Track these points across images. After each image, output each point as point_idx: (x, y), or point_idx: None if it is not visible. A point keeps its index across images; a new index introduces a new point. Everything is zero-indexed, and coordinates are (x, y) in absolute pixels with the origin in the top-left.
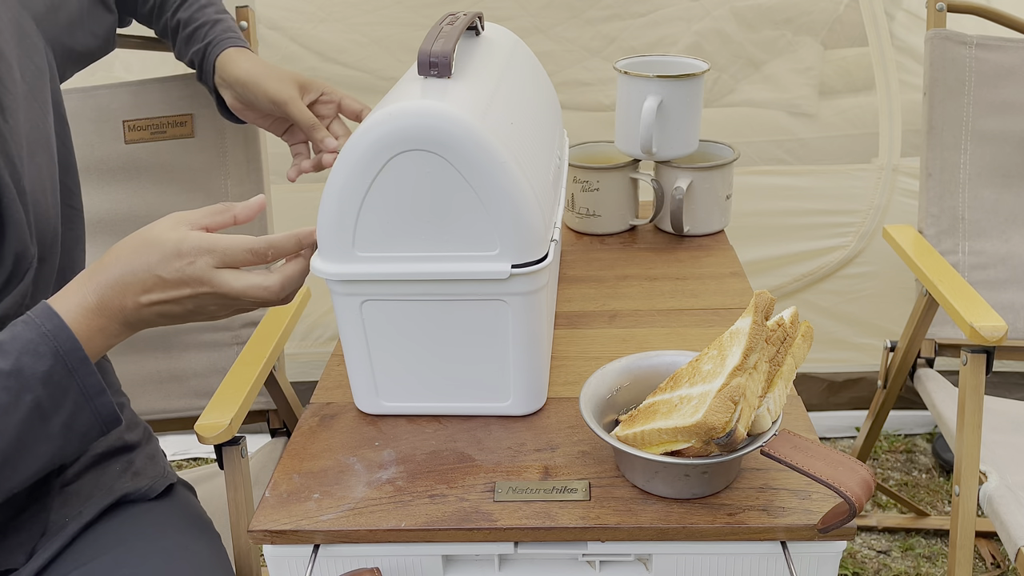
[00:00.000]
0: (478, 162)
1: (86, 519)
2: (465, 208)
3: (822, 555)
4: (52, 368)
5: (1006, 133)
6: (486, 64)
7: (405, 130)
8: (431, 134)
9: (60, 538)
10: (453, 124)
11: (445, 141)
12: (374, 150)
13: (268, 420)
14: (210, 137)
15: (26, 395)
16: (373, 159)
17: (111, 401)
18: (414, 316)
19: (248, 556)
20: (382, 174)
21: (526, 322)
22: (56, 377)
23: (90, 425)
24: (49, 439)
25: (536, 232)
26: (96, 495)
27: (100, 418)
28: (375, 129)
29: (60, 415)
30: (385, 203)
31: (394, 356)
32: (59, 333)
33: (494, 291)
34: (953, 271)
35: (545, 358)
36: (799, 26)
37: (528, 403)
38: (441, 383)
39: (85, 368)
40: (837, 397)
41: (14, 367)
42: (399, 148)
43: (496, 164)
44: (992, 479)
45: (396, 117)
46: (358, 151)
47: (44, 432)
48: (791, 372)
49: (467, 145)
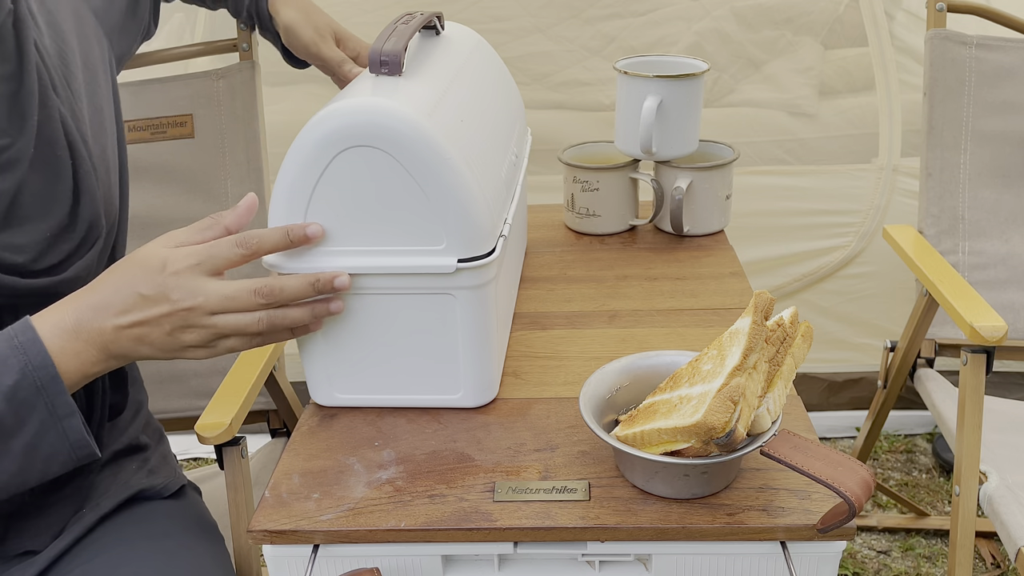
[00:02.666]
0: (423, 158)
1: (103, 511)
2: (411, 203)
3: (822, 555)
4: (17, 383)
5: (1006, 133)
6: (441, 63)
7: (352, 127)
8: (376, 131)
9: (76, 529)
10: (398, 121)
11: (391, 137)
12: (322, 145)
13: (268, 420)
14: (210, 137)
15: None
16: (321, 154)
17: (82, 426)
18: (365, 310)
19: (248, 556)
20: (330, 169)
21: (474, 316)
22: (21, 393)
23: (56, 448)
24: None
25: (482, 228)
26: (113, 489)
27: (68, 442)
28: (323, 124)
29: (23, 434)
30: (333, 198)
31: (347, 349)
32: (30, 347)
33: (442, 285)
34: (953, 271)
35: (496, 351)
36: (799, 26)
37: (478, 396)
38: (393, 376)
39: (55, 386)
40: (837, 397)
41: None
42: (346, 144)
43: (441, 161)
44: (992, 479)
45: (344, 114)
46: (307, 146)
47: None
48: (791, 372)
49: (412, 142)
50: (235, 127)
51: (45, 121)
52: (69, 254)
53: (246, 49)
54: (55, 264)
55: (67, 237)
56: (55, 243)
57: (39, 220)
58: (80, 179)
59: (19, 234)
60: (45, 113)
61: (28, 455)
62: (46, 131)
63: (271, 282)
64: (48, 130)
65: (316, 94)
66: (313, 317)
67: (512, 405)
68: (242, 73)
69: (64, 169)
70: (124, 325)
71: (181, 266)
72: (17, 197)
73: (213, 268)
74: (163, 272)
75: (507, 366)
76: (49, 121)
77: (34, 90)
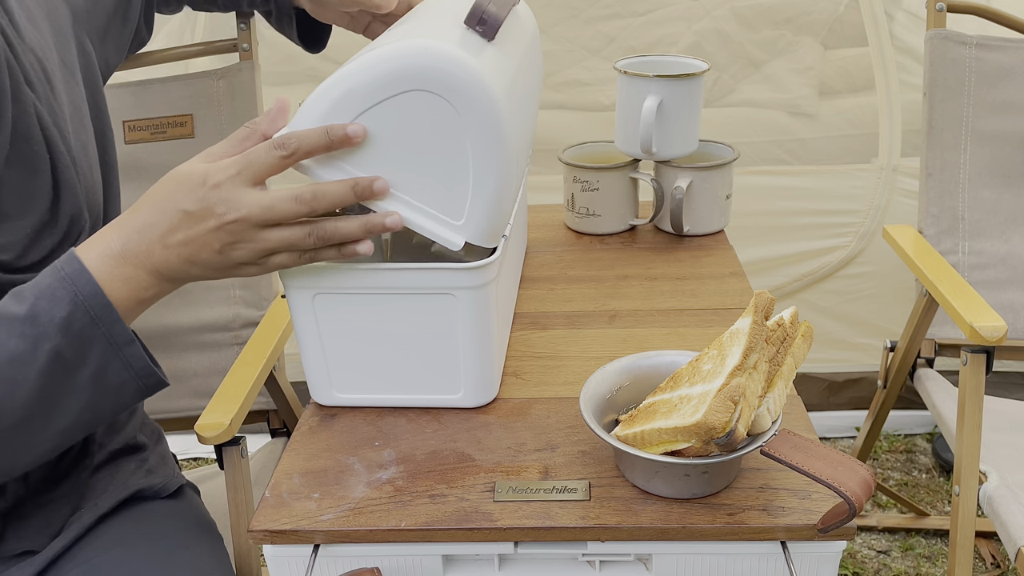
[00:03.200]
0: (491, 135)
1: (102, 510)
2: (451, 170)
3: (822, 555)
4: (71, 314)
5: (1006, 133)
6: (513, 41)
7: (438, 73)
8: (460, 88)
9: (75, 529)
10: (485, 93)
11: (471, 104)
12: (396, 77)
13: (268, 420)
14: (210, 137)
15: (44, 343)
16: (389, 84)
17: (143, 353)
18: (365, 310)
19: (248, 556)
20: (389, 103)
21: (475, 316)
22: (76, 325)
23: (123, 378)
24: (77, 392)
25: (501, 221)
26: (111, 489)
27: (133, 371)
28: (409, 58)
29: (88, 366)
30: (373, 132)
31: (347, 349)
32: (78, 277)
33: (442, 285)
34: (953, 271)
35: (496, 351)
36: (799, 26)
37: (479, 396)
38: (393, 376)
39: (109, 315)
40: (837, 397)
41: (29, 312)
42: (423, 86)
43: (504, 144)
44: (992, 479)
45: (435, 56)
46: (378, 70)
47: (70, 384)
48: (791, 372)
49: (489, 116)
50: (235, 127)
51: (20, 116)
52: (52, 249)
53: (246, 49)
54: (39, 260)
55: (49, 232)
56: (37, 239)
57: (19, 217)
58: (59, 173)
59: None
60: (19, 108)
61: (97, 387)
62: (21, 126)
63: (311, 187)
64: (23, 125)
65: None
66: (366, 232)
67: (512, 405)
68: (242, 73)
69: (42, 164)
70: (172, 244)
71: (221, 178)
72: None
73: (254, 176)
74: (204, 186)
75: (507, 366)
76: (24, 116)
77: (5, 86)
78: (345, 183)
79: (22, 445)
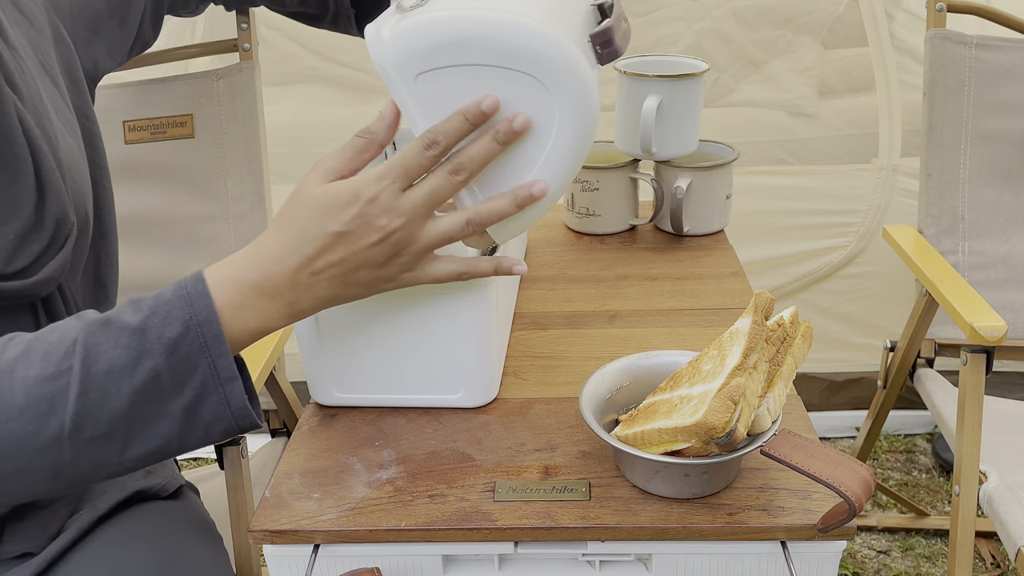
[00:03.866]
0: (582, 140)
1: (100, 511)
2: (514, 157)
3: (822, 555)
4: (181, 337)
5: (1006, 133)
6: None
7: (557, 67)
8: (576, 101)
9: (73, 530)
10: (591, 116)
11: (577, 108)
12: (510, 52)
13: (268, 420)
14: (210, 137)
15: (146, 361)
16: (498, 56)
17: (243, 392)
18: (365, 310)
19: (248, 556)
20: (484, 72)
21: (475, 316)
22: (183, 349)
23: (217, 414)
24: (166, 420)
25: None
26: (110, 490)
27: (230, 408)
28: (536, 39)
29: (184, 396)
30: (451, 98)
31: (347, 349)
32: (198, 300)
33: (443, 285)
34: (953, 271)
35: (496, 351)
36: (799, 26)
37: (479, 396)
38: (393, 376)
39: (219, 346)
40: (837, 397)
41: (140, 325)
42: (536, 71)
43: (584, 151)
44: (992, 479)
45: (560, 50)
46: (489, 37)
47: (161, 411)
48: (791, 372)
49: (588, 123)
50: (235, 127)
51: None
52: (39, 255)
53: (246, 49)
54: (27, 266)
55: (35, 237)
56: (23, 244)
57: (2, 223)
58: (43, 176)
59: None
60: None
61: (187, 419)
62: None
63: (427, 134)
64: (3, 127)
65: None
66: (516, 206)
67: (512, 405)
68: (242, 73)
69: (24, 166)
70: (320, 269)
71: (376, 191)
72: None
73: (408, 181)
74: (357, 203)
75: (507, 366)
76: (4, 117)
77: None
78: (455, 115)
79: (98, 461)
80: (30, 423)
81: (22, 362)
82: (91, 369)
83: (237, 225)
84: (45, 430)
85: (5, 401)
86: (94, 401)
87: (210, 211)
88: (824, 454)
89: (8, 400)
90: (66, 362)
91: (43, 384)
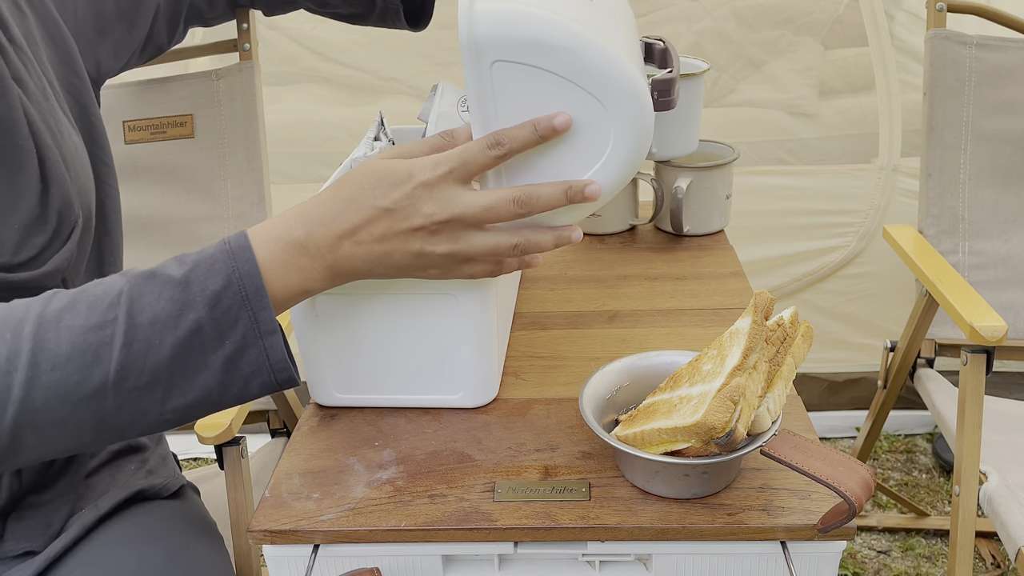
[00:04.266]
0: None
1: (102, 511)
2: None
3: (822, 555)
4: (223, 290)
5: (1006, 133)
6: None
7: (629, 106)
8: (636, 137)
9: (75, 529)
10: (642, 151)
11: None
12: (597, 78)
13: (268, 420)
14: (210, 137)
15: (189, 313)
16: (587, 79)
17: (283, 345)
18: (365, 310)
19: (248, 556)
20: (552, 82)
21: (475, 316)
22: (225, 302)
23: (256, 367)
24: (207, 372)
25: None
26: (112, 490)
27: (269, 361)
28: (618, 78)
29: (224, 348)
30: (520, 107)
31: (346, 349)
32: (240, 254)
33: (443, 285)
34: (953, 271)
35: (496, 352)
36: (799, 26)
37: (478, 396)
38: (393, 376)
39: (260, 299)
40: (837, 397)
41: (184, 277)
42: (600, 96)
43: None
44: (992, 479)
45: (636, 94)
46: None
47: (202, 362)
48: (791, 372)
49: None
50: (235, 127)
51: (5, 110)
52: (43, 247)
53: (246, 49)
54: (32, 258)
55: (39, 229)
56: (28, 236)
57: (6, 213)
58: (47, 168)
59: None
60: (4, 102)
61: (228, 371)
62: (6, 120)
63: (526, 189)
64: (8, 120)
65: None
66: (556, 244)
67: (512, 405)
68: (242, 73)
69: (28, 158)
70: (363, 241)
71: (431, 176)
72: None
73: (466, 176)
74: (409, 183)
75: (507, 366)
76: (9, 111)
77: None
78: (559, 186)
79: (140, 412)
80: (75, 372)
81: (68, 312)
82: (135, 320)
83: (237, 225)
84: (90, 379)
85: (51, 351)
86: (138, 352)
87: (210, 211)
88: (824, 454)
89: (54, 349)
90: (111, 312)
91: (88, 334)
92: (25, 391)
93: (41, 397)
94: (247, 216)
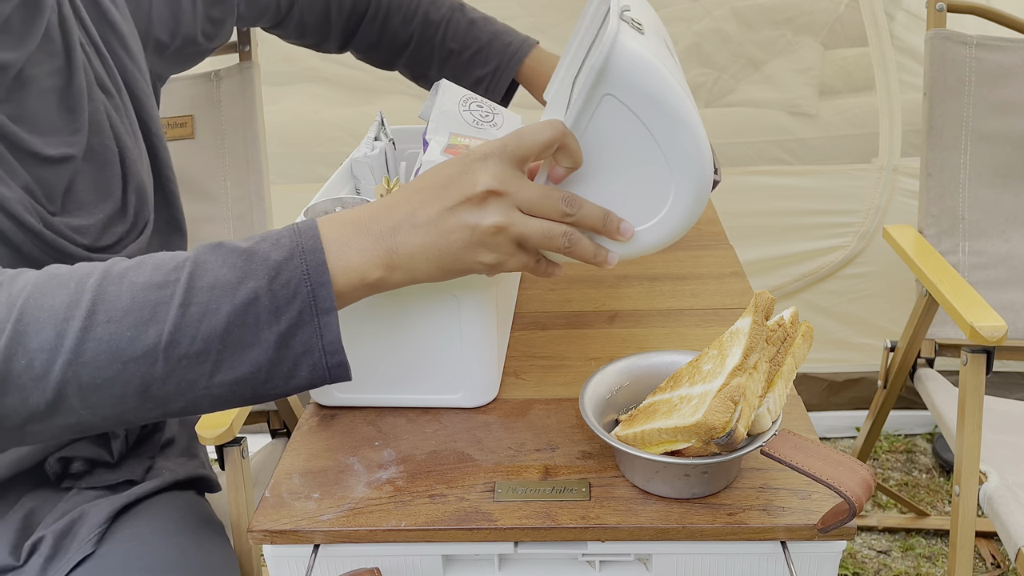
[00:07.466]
0: (701, 188)
1: (166, 482)
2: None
3: (822, 555)
4: (285, 261)
5: (1006, 133)
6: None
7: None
8: (692, 179)
9: (146, 486)
10: (702, 198)
11: (694, 176)
12: (657, 112)
13: (268, 420)
14: (210, 138)
15: (248, 281)
16: (646, 110)
17: (338, 328)
18: (365, 310)
19: (248, 556)
20: (630, 120)
21: (475, 316)
22: (285, 274)
23: (309, 347)
24: (258, 347)
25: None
26: (177, 468)
27: (322, 342)
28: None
29: (279, 324)
30: (600, 146)
31: (346, 349)
32: (306, 230)
33: (444, 286)
34: (953, 271)
35: (496, 352)
36: (799, 26)
37: (479, 396)
38: (393, 376)
39: (320, 275)
40: (837, 397)
41: (249, 248)
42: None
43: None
44: (992, 479)
45: (699, 142)
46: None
47: (255, 336)
48: (791, 372)
49: (702, 187)
50: (235, 128)
51: (93, 114)
52: (122, 236)
53: (246, 50)
54: (111, 244)
55: (119, 221)
56: (110, 224)
57: (94, 205)
58: (127, 167)
59: (78, 217)
60: (93, 107)
61: (279, 349)
62: (95, 124)
63: (575, 195)
64: (95, 122)
65: (316, 94)
66: (595, 259)
67: (512, 405)
68: (242, 73)
69: (112, 158)
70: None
71: (485, 150)
72: (73, 185)
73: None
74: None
75: (507, 366)
76: (96, 114)
77: (82, 86)
78: (601, 209)
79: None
80: (129, 328)
81: (133, 270)
82: (196, 283)
83: (237, 225)
84: (142, 338)
85: (111, 303)
86: (193, 315)
87: (210, 211)
88: (824, 454)
89: (114, 303)
90: (175, 274)
91: (149, 291)
92: (78, 341)
93: (92, 350)
94: (247, 216)
